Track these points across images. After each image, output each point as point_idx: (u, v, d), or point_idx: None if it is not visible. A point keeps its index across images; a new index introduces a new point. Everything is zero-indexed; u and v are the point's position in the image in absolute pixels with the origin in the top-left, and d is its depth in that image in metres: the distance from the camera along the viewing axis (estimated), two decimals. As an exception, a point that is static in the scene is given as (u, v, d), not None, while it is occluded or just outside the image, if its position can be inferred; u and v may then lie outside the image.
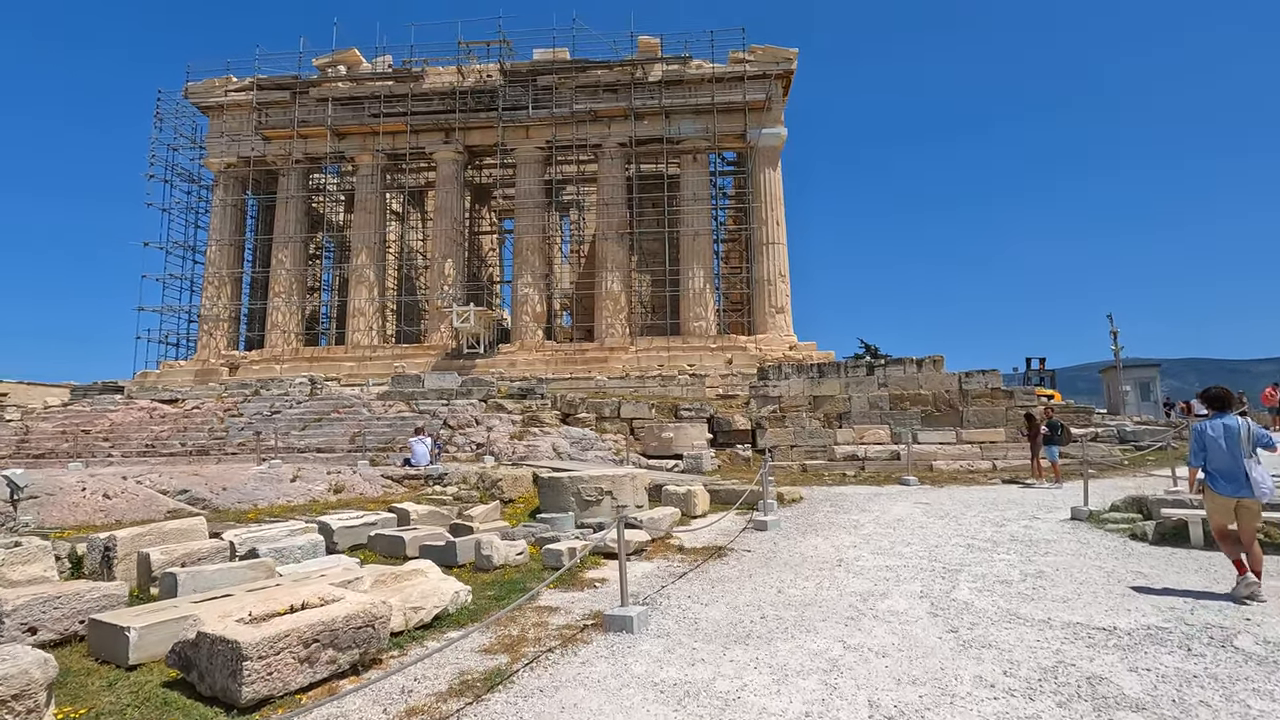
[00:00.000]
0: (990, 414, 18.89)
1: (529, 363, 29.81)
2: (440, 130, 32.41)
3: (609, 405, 20.44)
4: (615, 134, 31.77)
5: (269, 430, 17.64)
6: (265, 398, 19.73)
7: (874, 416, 19.55)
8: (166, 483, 10.05)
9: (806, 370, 20.82)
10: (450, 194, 32.59)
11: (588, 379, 27.13)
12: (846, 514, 10.35)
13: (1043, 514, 9.91)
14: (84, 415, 19.30)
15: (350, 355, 31.26)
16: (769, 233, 30.95)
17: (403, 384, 20.21)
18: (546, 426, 18.03)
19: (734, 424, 20.22)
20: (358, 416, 18.24)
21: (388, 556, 7.87)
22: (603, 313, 31.10)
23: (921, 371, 19.82)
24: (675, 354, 29.62)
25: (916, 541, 8.04)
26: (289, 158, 32.75)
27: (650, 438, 18.27)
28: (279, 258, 32.56)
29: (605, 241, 31.66)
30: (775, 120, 31.52)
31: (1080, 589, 5.79)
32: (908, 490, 13.54)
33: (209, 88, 33.54)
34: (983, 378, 19.32)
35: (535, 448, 16.62)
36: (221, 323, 32.50)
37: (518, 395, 19.73)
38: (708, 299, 30.88)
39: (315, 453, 16.76)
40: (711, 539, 8.30)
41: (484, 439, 17.11)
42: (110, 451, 17.14)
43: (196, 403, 19.59)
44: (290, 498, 10.89)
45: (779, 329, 30.27)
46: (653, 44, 31.65)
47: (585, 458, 16.82)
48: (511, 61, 31.74)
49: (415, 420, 17.86)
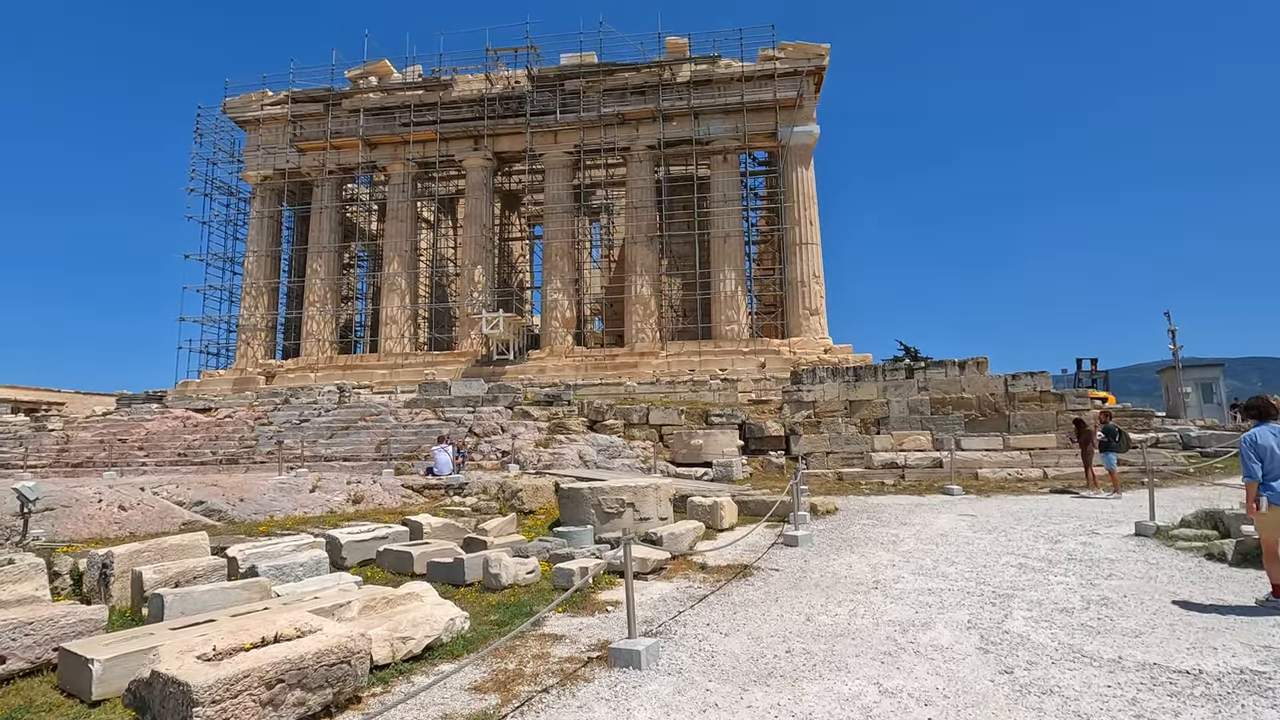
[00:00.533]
0: (1039, 418, 17.87)
1: (558, 368, 29.56)
2: (469, 138, 32.50)
3: (637, 411, 19.98)
4: (643, 136, 31.41)
5: (297, 438, 17.65)
6: (295, 406, 19.84)
7: (914, 422, 18.69)
8: (184, 494, 9.94)
9: (842, 374, 20.05)
10: (479, 201, 32.62)
11: (617, 384, 26.72)
12: (885, 527, 9.67)
13: (1102, 528, 9.09)
14: (121, 425, 19.65)
15: (383, 363, 31.46)
16: (802, 233, 30.17)
17: (430, 391, 20.09)
18: (573, 434, 17.65)
19: (767, 430, 19.56)
20: (384, 425, 18.14)
21: (396, 573, 7.53)
22: (632, 317, 30.71)
23: (964, 374, 18.89)
24: (707, 358, 29.04)
25: (962, 560, 7.37)
26: (322, 169, 33.22)
27: (679, 445, 17.75)
28: (313, 267, 33.01)
29: (634, 245, 31.29)
30: (807, 118, 30.78)
31: (1154, 620, 5.09)
32: (951, 501, 12.75)
33: (246, 102, 34.27)
34: (1030, 380, 18.30)
35: (561, 456, 16.24)
36: (259, 332, 33.06)
37: (544, 402, 19.41)
38: (739, 302, 30.23)
39: (341, 461, 16.68)
40: (737, 556, 7.76)
41: (509, 447, 16.81)
42: (144, 460, 17.36)
43: (229, 411, 19.79)
44: (308, 509, 10.69)
45: (813, 331, 29.45)
46: (681, 44, 31.23)
47: (612, 466, 16.37)
48: (539, 67, 31.66)
49: (441, 428, 17.66)
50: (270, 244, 34.05)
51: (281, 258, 34.98)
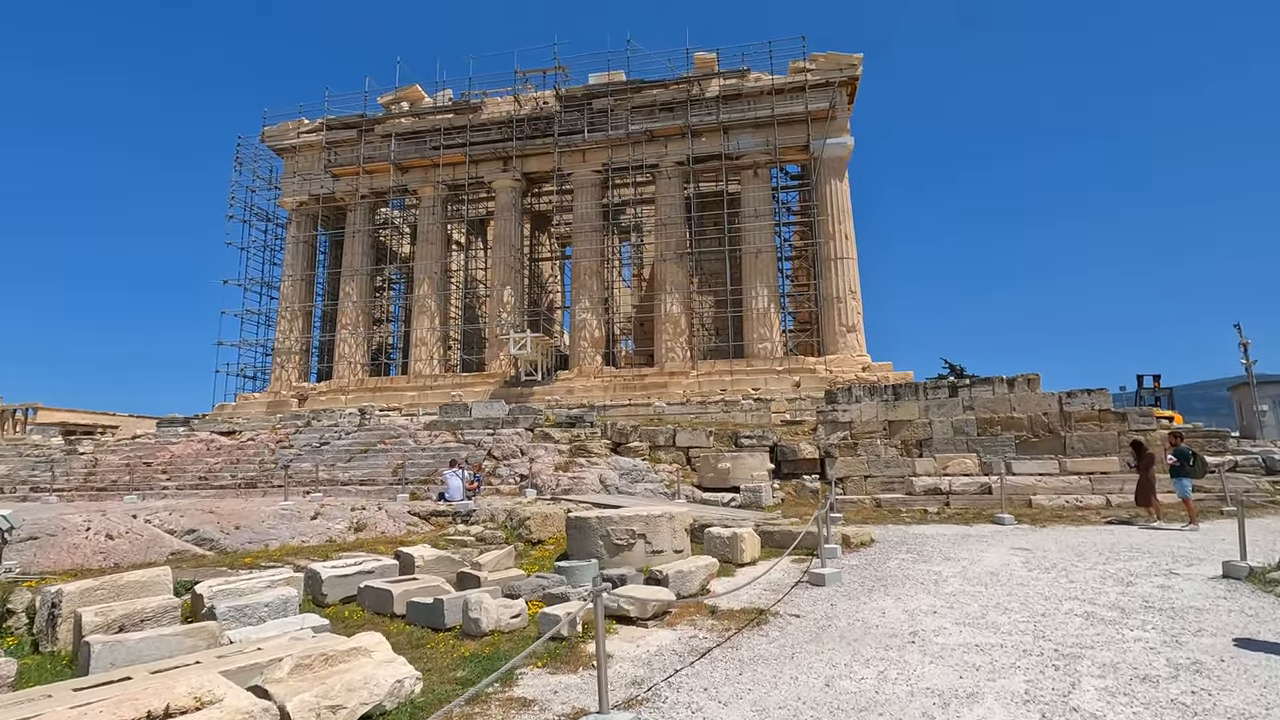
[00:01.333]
0: (1099, 440, 16.43)
1: (587, 389, 28.96)
2: (498, 159, 32.52)
3: (664, 433, 19.16)
4: (672, 153, 30.95)
5: (315, 462, 17.35)
6: (316, 429, 19.62)
7: (959, 444, 17.42)
8: (176, 522, 9.53)
9: (880, 392, 18.90)
10: (508, 221, 32.52)
11: (646, 405, 25.96)
12: (926, 563, 8.64)
13: (1182, 567, 7.91)
14: (148, 448, 19.73)
15: (412, 385, 31.35)
16: (837, 247, 29.14)
17: (450, 413, 19.66)
18: (594, 457, 16.93)
19: (800, 452, 18.51)
20: (403, 447, 17.72)
21: (376, 612, 6.87)
22: (662, 336, 30.00)
23: (1014, 392, 17.57)
24: (739, 377, 28.09)
25: (1016, 606, 6.35)
26: (355, 193, 33.63)
27: (706, 469, 16.85)
28: (346, 291, 33.28)
29: (664, 263, 30.68)
30: (840, 129, 29.90)
31: (1267, 697, 4.07)
32: (1002, 531, 11.57)
33: (283, 131, 35.04)
34: (1088, 398, 16.89)
35: (581, 480, 15.52)
36: (293, 355, 33.38)
37: (566, 424, 18.76)
38: (773, 319, 29.26)
39: (358, 485, 16.28)
40: (754, 598, 6.87)
41: (528, 470, 16.17)
42: (166, 484, 17.27)
43: (251, 434, 19.70)
44: (305, 537, 10.17)
45: (850, 349, 28.26)
46: (709, 59, 30.79)
47: (634, 491, 15.57)
48: (567, 87, 31.58)
49: (459, 451, 17.14)
50: (305, 268, 34.51)
51: (316, 282, 35.42)
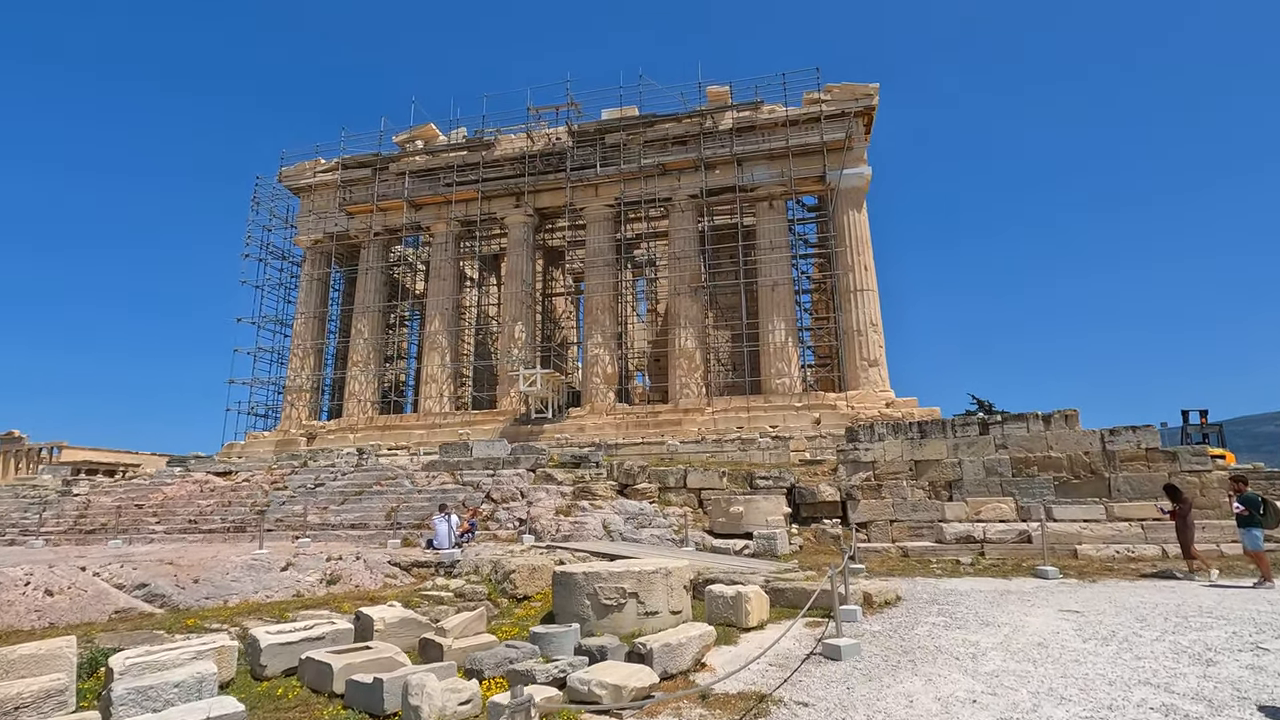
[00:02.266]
0: (1147, 481, 15.05)
1: (598, 427, 28.04)
2: (511, 195, 32.36)
3: (674, 473, 18.11)
4: (685, 186, 30.50)
5: (308, 504, 16.56)
6: (312, 469, 18.90)
7: (992, 485, 16.12)
8: (127, 575, 8.73)
9: (904, 430, 17.72)
10: (520, 257, 32.16)
11: (659, 443, 24.92)
12: (961, 629, 7.49)
13: (1270, 639, 6.67)
14: (141, 490, 19.15)
15: (421, 423, 30.71)
16: (856, 279, 28.20)
17: (450, 453, 18.84)
18: (598, 499, 15.91)
19: (819, 495, 17.33)
20: (399, 489, 16.89)
21: (314, 689, 5.93)
22: (676, 372, 29.10)
23: (1050, 429, 16.30)
24: (756, 414, 26.99)
25: (1075, 694, 5.21)
26: (369, 231, 33.62)
27: (717, 513, 15.74)
28: (358, 328, 33.02)
29: (678, 297, 29.95)
30: (857, 160, 29.26)
31: None
32: (1046, 587, 10.30)
33: (300, 171, 35.37)
34: (1133, 435, 15.56)
35: (583, 525, 14.50)
36: (303, 393, 33.01)
37: (570, 464, 17.81)
38: (790, 353, 28.23)
39: (348, 530, 15.42)
40: (755, 678, 5.81)
41: (526, 514, 15.20)
42: (155, 528, 16.59)
43: (246, 475, 19.03)
44: (271, 591, 9.29)
45: (873, 384, 27.06)
46: (722, 93, 30.52)
47: (640, 537, 14.50)
48: (579, 123, 31.47)
49: (457, 493, 16.25)
50: (318, 305, 34.39)
51: (329, 319, 35.28)
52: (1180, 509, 11.43)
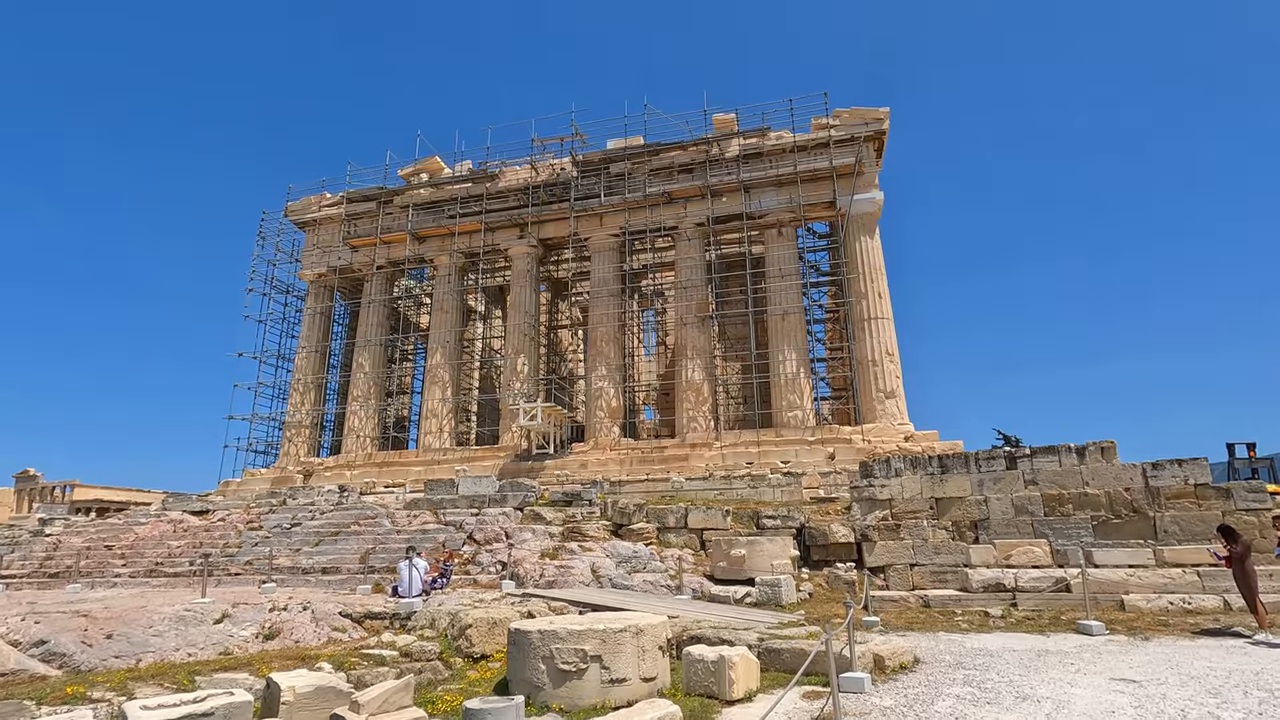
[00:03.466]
0: (1198, 521, 13.51)
1: (602, 463, 26.82)
2: (515, 226, 31.84)
3: (674, 512, 16.82)
4: (692, 214, 29.75)
5: (281, 546, 15.51)
6: (290, 508, 17.89)
7: (1022, 526, 14.64)
8: (28, 630, 7.69)
9: (923, 464, 16.34)
10: (523, 289, 31.47)
11: (664, 480, 23.61)
12: (992, 704, 6.14)
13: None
14: (114, 530, 18.26)
15: (420, 459, 29.71)
16: (870, 307, 27.01)
17: (435, 491, 17.74)
18: (589, 541, 14.66)
19: (832, 536, 15.93)
20: (377, 530, 15.79)
21: (177, 787, 4.77)
22: (683, 405, 27.90)
23: (1085, 463, 14.84)
24: (766, 449, 25.62)
25: (1146, 812, 3.89)
26: (372, 264, 33.22)
27: (719, 555, 14.39)
28: (358, 362, 32.36)
29: (684, 327, 28.93)
30: (869, 185, 28.34)
31: None
32: (1091, 646, 8.85)
33: (305, 205, 35.28)
34: (1179, 470, 14.06)
35: (569, 570, 13.23)
36: (303, 429, 32.25)
37: (562, 502, 16.61)
38: (803, 385, 26.93)
39: (320, 574, 14.29)
40: (725, 777, 4.56)
41: (508, 558, 13.97)
42: (120, 570, 15.61)
43: (223, 514, 18.06)
44: (196, 648, 8.18)
45: (890, 416, 25.62)
46: (728, 120, 29.95)
47: (631, 583, 13.19)
48: (584, 153, 31.04)
49: (438, 533, 15.10)
50: (320, 339, 33.87)
51: (331, 354, 34.72)
52: (1236, 552, 9.97)
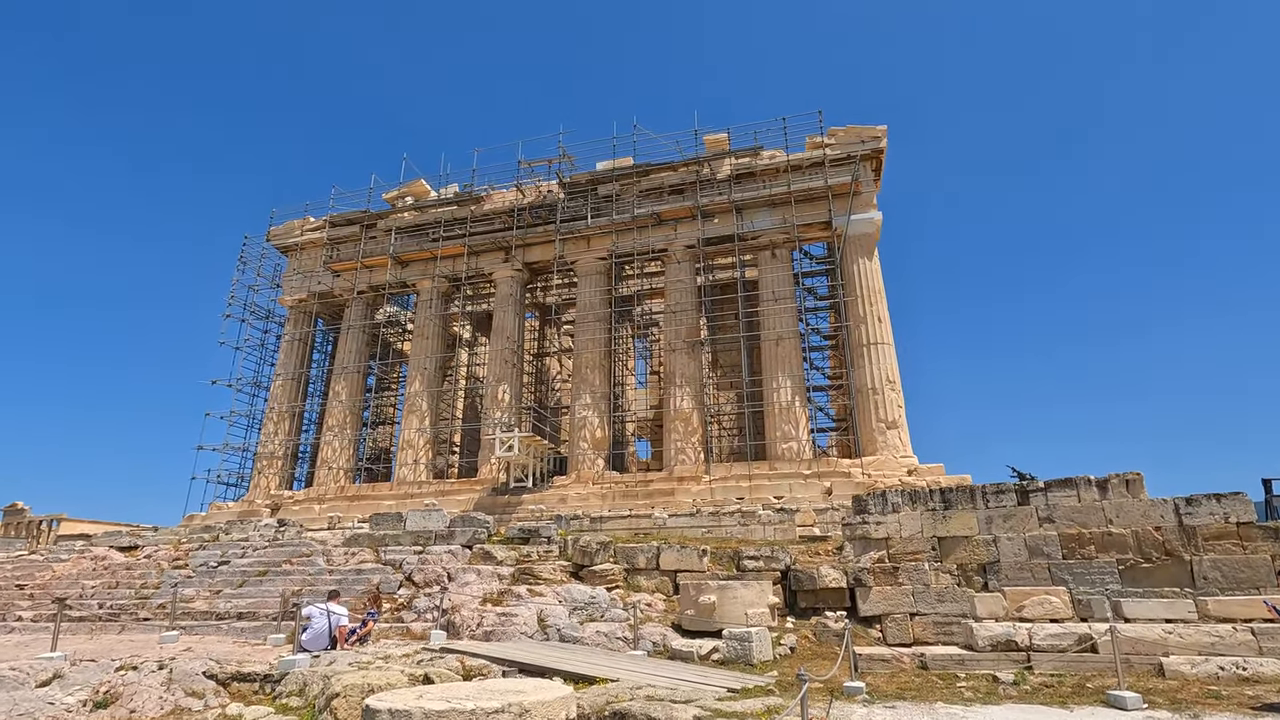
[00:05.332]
0: (1243, 567, 11.62)
1: (582, 497, 25.05)
2: (500, 249, 30.70)
3: (644, 551, 15.05)
4: (682, 236, 28.48)
5: (203, 586, 13.86)
6: (223, 544, 16.25)
7: (1038, 570, 12.78)
8: None
9: (924, 499, 14.53)
10: (506, 314, 30.14)
11: (646, 516, 21.81)
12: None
13: None
14: (32, 566, 16.68)
15: (394, 492, 28.03)
16: (869, 331, 25.42)
17: (381, 525, 16.05)
18: (541, 584, 12.90)
19: (821, 580, 14.06)
20: (308, 570, 14.12)
21: None
22: (671, 436, 26.20)
23: (1107, 498, 13.01)
24: (758, 483, 23.80)
25: None
26: (353, 289, 32.11)
27: (686, 602, 12.58)
28: (335, 390, 30.99)
29: (673, 353, 27.39)
30: (867, 204, 27.04)
31: None
32: (1127, 727, 7.01)
33: (289, 229, 34.39)
34: (1217, 506, 12.20)
35: (511, 618, 11.46)
36: (275, 460, 30.73)
37: (519, 539, 14.87)
38: (798, 415, 25.20)
39: (234, 620, 12.59)
40: None
41: (447, 603, 12.22)
42: (23, 613, 13.98)
43: (151, 550, 16.46)
44: (-4, 721, 6.52)
45: (892, 448, 23.79)
46: (720, 140, 28.92)
47: (582, 635, 11.40)
48: (571, 174, 30.03)
49: (373, 574, 13.40)
50: (299, 367, 32.56)
51: (310, 382, 33.38)
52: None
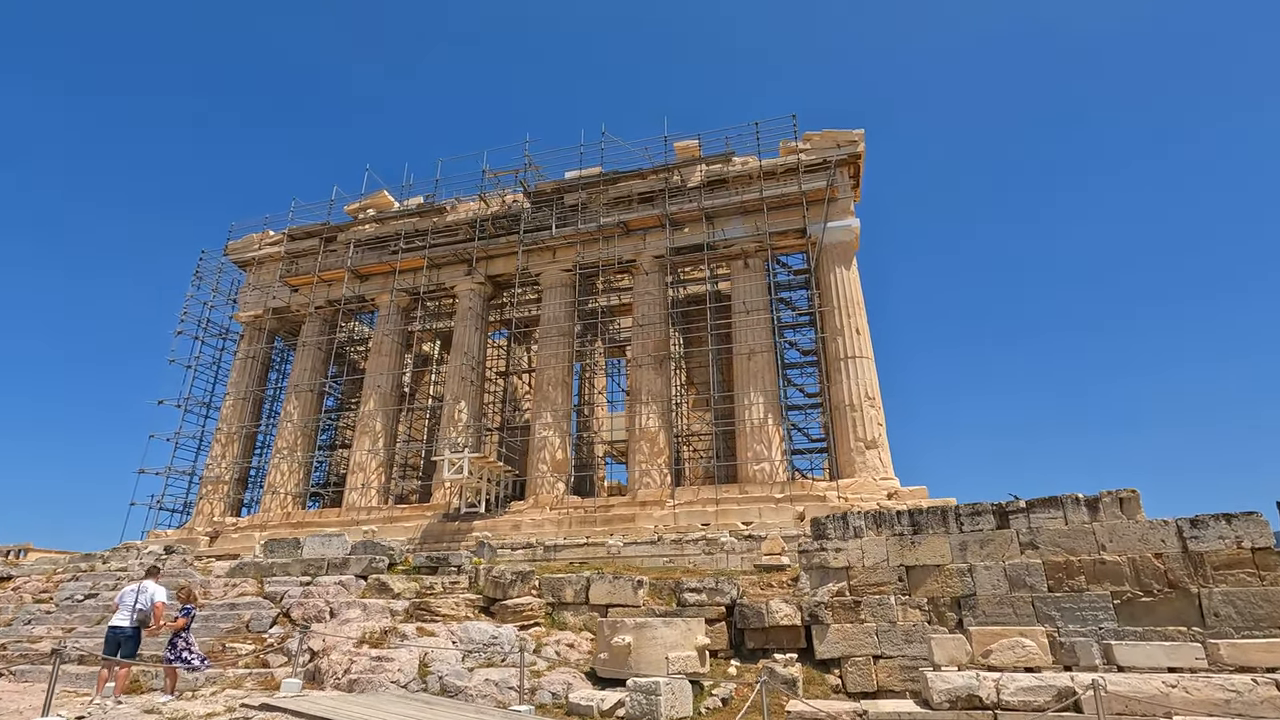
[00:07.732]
0: (1262, 601, 9.73)
1: (537, 523, 23.13)
2: (461, 262, 29.25)
3: (573, 584, 13.16)
4: (651, 246, 27.00)
5: (57, 623, 12.04)
6: (96, 574, 14.41)
7: (1019, 605, 10.90)
8: None
9: (889, 522, 12.70)
10: (467, 329, 28.53)
11: (601, 544, 19.91)
12: None
13: None
14: (-111, 599, 14.91)
15: (342, 519, 26.13)
16: (846, 344, 23.70)
17: (276, 552, 14.21)
18: (437, 621, 11.02)
19: (770, 616, 12.17)
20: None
21: None
22: (636, 456, 24.36)
23: (1099, 519, 11.17)
24: (727, 507, 21.89)
25: None
26: (310, 304, 30.61)
27: (602, 645, 10.67)
28: (287, 410, 29.27)
29: (640, 369, 25.68)
30: (844, 211, 25.55)
31: None
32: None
33: (247, 243, 33.06)
34: (1228, 529, 10.34)
35: (385, 663, 9.58)
36: (222, 484, 28.91)
37: (426, 569, 13.02)
38: (771, 434, 23.37)
39: (75, 663, 10.74)
40: None
41: (320, 644, 10.35)
42: None
43: (22, 581, 14.67)
44: None
45: (871, 470, 21.90)
46: (690, 147, 27.60)
47: (467, 685, 9.48)
48: (537, 183, 28.69)
49: (245, 609, 11.54)
50: (252, 386, 30.89)
51: (263, 402, 31.69)
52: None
